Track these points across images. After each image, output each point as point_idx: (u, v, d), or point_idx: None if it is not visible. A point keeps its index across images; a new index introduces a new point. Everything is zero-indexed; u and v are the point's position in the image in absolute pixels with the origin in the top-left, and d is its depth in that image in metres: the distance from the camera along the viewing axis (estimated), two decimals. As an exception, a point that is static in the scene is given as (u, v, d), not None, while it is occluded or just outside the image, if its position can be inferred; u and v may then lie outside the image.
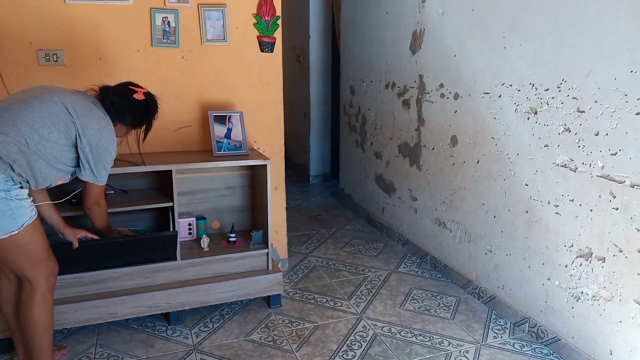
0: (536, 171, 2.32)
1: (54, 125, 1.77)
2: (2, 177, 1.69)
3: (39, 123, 1.75)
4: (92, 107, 1.90)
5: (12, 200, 1.72)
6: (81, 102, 1.87)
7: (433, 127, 3.09)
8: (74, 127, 1.82)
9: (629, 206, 1.90)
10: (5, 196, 1.70)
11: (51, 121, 1.77)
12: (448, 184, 2.98)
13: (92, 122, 1.86)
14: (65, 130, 1.80)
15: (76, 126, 1.82)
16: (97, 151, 1.88)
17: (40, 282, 1.85)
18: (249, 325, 2.49)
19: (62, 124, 1.79)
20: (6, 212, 1.71)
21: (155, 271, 2.42)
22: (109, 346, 2.29)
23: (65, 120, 1.80)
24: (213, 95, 2.72)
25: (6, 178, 1.70)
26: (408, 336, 2.42)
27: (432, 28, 3.03)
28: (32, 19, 2.34)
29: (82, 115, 1.83)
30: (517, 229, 2.47)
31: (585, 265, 2.11)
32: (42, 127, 1.75)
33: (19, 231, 1.75)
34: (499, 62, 2.49)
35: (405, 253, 3.46)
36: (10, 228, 1.73)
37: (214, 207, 2.79)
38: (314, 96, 5.10)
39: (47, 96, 1.81)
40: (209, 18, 2.62)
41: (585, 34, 2.01)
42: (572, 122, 2.11)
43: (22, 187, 1.76)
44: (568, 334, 2.23)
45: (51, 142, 1.77)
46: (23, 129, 1.72)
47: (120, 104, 1.97)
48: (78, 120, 1.82)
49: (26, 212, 1.77)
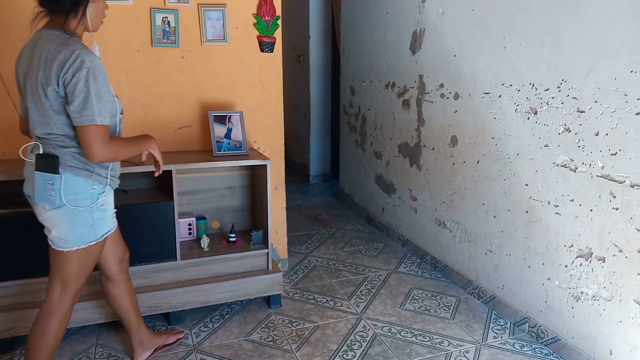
0: (536, 171, 2.32)
1: None
2: (90, 184, 1.68)
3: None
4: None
5: (97, 210, 1.71)
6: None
7: (433, 127, 3.09)
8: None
9: (629, 206, 1.90)
10: (90, 204, 1.69)
11: None
12: (448, 184, 2.98)
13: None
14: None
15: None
16: None
17: (67, 300, 1.80)
18: (249, 325, 2.49)
19: None
20: (88, 221, 1.70)
21: (155, 271, 2.42)
22: (109, 346, 2.29)
23: None
24: (213, 95, 2.72)
25: (94, 183, 1.69)
26: (408, 336, 2.42)
27: (432, 28, 3.03)
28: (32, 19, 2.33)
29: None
30: (517, 229, 2.47)
31: (585, 265, 2.11)
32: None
33: (96, 242, 1.74)
34: (499, 62, 2.49)
35: (405, 253, 3.46)
36: (89, 239, 1.73)
37: (214, 207, 2.79)
38: (314, 96, 5.10)
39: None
40: (209, 18, 2.62)
41: (585, 34, 2.01)
42: (572, 122, 2.11)
43: (106, 194, 1.73)
44: (568, 334, 2.23)
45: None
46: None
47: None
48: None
49: (107, 223, 1.76)
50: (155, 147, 1.84)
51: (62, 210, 1.66)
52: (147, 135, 1.83)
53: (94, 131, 1.57)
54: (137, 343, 2.15)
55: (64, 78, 1.54)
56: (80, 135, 1.59)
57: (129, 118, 2.59)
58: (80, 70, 1.54)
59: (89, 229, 1.71)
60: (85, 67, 1.54)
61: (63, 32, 1.62)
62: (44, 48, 1.58)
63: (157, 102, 2.63)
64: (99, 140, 1.59)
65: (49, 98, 1.58)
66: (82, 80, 1.54)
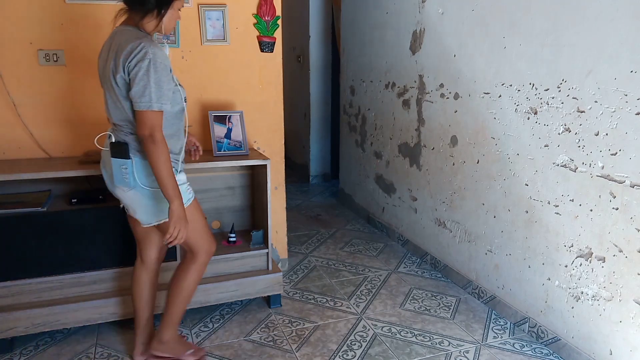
0: (536, 171, 2.32)
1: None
2: None
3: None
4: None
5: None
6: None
7: (433, 127, 3.09)
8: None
9: (629, 206, 1.90)
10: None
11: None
12: (448, 184, 2.98)
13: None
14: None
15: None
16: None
17: (201, 254, 2.01)
18: (249, 325, 2.49)
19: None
20: (163, 198, 1.82)
21: (155, 271, 2.42)
22: (109, 346, 2.29)
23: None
24: (213, 95, 2.72)
25: None
26: (408, 336, 2.42)
27: (432, 28, 3.03)
28: (32, 19, 2.34)
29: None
30: (517, 229, 2.47)
31: (585, 265, 2.11)
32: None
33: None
34: (499, 62, 2.49)
35: (405, 253, 3.46)
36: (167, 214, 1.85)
37: (214, 207, 2.79)
38: (314, 96, 5.10)
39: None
40: (209, 18, 2.62)
41: (585, 34, 2.01)
42: (572, 122, 2.11)
43: (180, 172, 1.92)
44: (568, 334, 2.23)
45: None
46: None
47: None
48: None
49: (185, 195, 1.90)
50: (177, 210, 1.80)
51: (137, 192, 1.84)
52: (179, 193, 1.82)
53: (148, 116, 1.72)
54: (140, 341, 2.15)
55: (129, 66, 1.70)
56: (136, 118, 1.75)
57: (129, 118, 2.59)
58: (143, 60, 1.69)
59: (166, 204, 1.82)
60: (148, 58, 1.69)
61: (137, 29, 1.78)
62: (117, 42, 1.75)
63: (157, 102, 2.62)
64: (151, 124, 1.73)
65: (118, 85, 1.74)
66: (144, 69, 1.69)
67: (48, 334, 2.34)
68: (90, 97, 2.50)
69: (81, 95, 2.49)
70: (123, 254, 2.34)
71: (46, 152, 2.48)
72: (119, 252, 2.33)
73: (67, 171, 2.19)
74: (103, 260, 2.32)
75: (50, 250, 2.22)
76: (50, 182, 2.43)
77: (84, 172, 2.22)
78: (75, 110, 2.49)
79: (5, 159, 2.41)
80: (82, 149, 2.52)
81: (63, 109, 2.47)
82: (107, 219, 2.29)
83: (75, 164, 2.30)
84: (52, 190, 2.45)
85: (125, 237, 2.33)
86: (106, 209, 2.29)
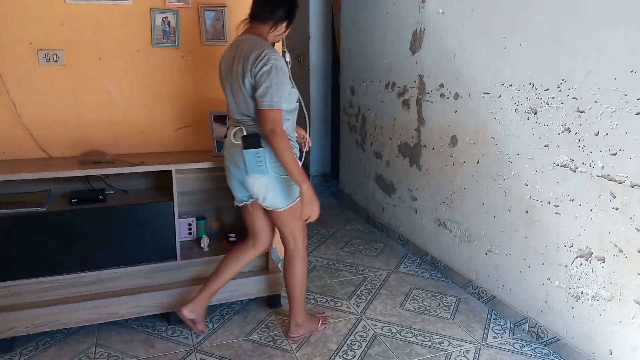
0: (536, 171, 2.32)
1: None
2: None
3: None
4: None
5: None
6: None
7: (433, 127, 3.09)
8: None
9: (629, 206, 1.90)
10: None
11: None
12: (448, 184, 2.98)
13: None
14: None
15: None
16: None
17: (301, 243, 2.24)
18: (249, 325, 2.49)
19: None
20: (289, 183, 2.09)
21: (155, 271, 2.42)
22: (109, 346, 2.29)
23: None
24: (213, 95, 2.72)
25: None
26: (408, 336, 2.42)
27: (432, 28, 3.03)
28: (32, 19, 2.34)
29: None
30: (517, 229, 2.47)
31: (585, 265, 2.11)
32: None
33: (298, 199, 2.12)
34: (499, 62, 2.49)
35: (405, 253, 3.46)
36: (296, 195, 2.13)
37: (214, 207, 2.79)
38: (314, 96, 5.10)
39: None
40: (209, 18, 2.62)
41: (585, 34, 2.01)
42: (572, 122, 2.11)
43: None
44: (568, 334, 2.23)
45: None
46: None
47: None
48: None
49: (297, 192, 2.12)
50: (308, 192, 2.06)
51: (270, 177, 2.06)
52: (306, 177, 2.07)
53: (271, 114, 1.95)
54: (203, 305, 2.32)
55: (254, 71, 1.94)
56: (261, 116, 1.98)
57: (129, 118, 2.59)
58: (266, 65, 1.93)
59: (292, 188, 2.10)
60: (270, 63, 1.93)
61: (260, 37, 2.04)
62: (243, 48, 2.00)
63: (157, 102, 2.63)
64: (275, 120, 1.96)
65: (246, 87, 1.99)
66: (266, 73, 1.93)
67: (48, 334, 2.34)
68: (90, 97, 2.50)
69: (81, 95, 2.49)
70: (123, 254, 2.34)
71: (46, 152, 2.48)
72: (119, 252, 2.33)
73: (67, 171, 2.19)
74: (103, 260, 2.32)
75: (50, 250, 2.22)
76: (50, 182, 2.43)
77: (84, 172, 2.22)
78: (75, 110, 2.49)
79: (5, 159, 2.42)
80: (82, 149, 2.52)
81: (63, 109, 2.47)
82: (107, 219, 2.29)
83: (75, 164, 2.31)
84: (52, 190, 2.45)
85: (125, 237, 2.34)
86: (106, 209, 2.29)
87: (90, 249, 2.28)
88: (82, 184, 2.51)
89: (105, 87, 2.52)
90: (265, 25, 2.05)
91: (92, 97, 2.51)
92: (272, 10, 2.03)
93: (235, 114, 2.09)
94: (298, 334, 2.37)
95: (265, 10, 2.04)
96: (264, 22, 2.05)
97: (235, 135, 2.07)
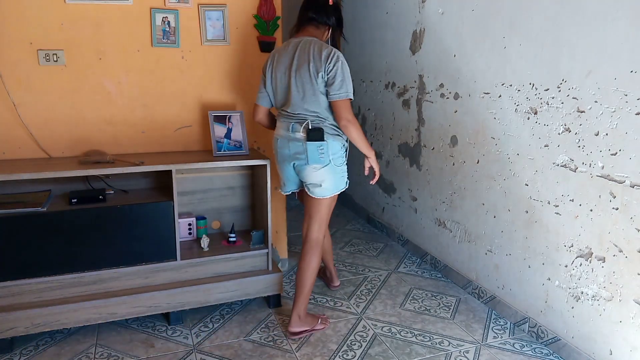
0: (536, 171, 2.32)
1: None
2: (341, 145, 2.31)
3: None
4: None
5: (344, 165, 2.36)
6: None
7: (433, 127, 3.09)
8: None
9: (629, 206, 1.90)
10: (343, 161, 2.34)
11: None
12: (448, 184, 2.98)
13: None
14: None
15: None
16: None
17: (323, 233, 2.42)
18: (249, 325, 2.49)
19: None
20: (341, 174, 2.34)
21: (155, 271, 2.42)
22: (109, 346, 2.29)
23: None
24: (213, 95, 2.72)
25: (343, 144, 2.33)
26: (408, 336, 2.42)
27: (432, 28, 3.03)
28: (32, 19, 2.34)
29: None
30: (517, 229, 2.47)
31: (585, 265, 2.11)
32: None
33: (340, 190, 2.37)
34: (499, 62, 2.49)
35: (405, 253, 3.46)
36: (341, 187, 2.36)
37: (214, 207, 2.79)
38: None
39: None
40: (209, 18, 2.62)
41: (585, 34, 2.01)
42: (572, 122, 2.11)
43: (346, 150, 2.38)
44: (568, 334, 2.23)
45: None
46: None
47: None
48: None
49: (346, 175, 2.39)
50: (374, 160, 2.41)
51: (329, 167, 2.28)
52: (372, 148, 2.39)
53: (347, 103, 2.22)
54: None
55: (328, 67, 2.18)
56: (336, 107, 2.21)
57: (130, 118, 2.59)
58: (338, 61, 2.18)
59: (342, 179, 2.35)
60: (340, 60, 2.20)
61: (317, 39, 2.27)
62: (308, 49, 2.21)
63: (157, 102, 2.63)
64: (349, 109, 2.23)
65: (317, 83, 2.19)
66: (339, 69, 2.18)
67: (48, 334, 2.34)
68: (90, 97, 2.50)
69: (81, 95, 2.49)
70: (123, 254, 2.34)
71: (46, 152, 2.48)
72: (118, 252, 2.33)
73: (67, 171, 2.19)
74: (103, 260, 2.32)
75: (50, 250, 2.22)
76: (50, 182, 2.43)
77: (84, 172, 2.22)
78: (75, 110, 2.49)
79: (5, 159, 2.42)
80: (82, 149, 2.52)
81: (63, 109, 2.47)
82: (107, 219, 2.29)
83: (75, 164, 2.31)
84: (52, 190, 2.45)
85: (125, 237, 2.34)
86: (106, 209, 2.29)
87: (90, 249, 2.28)
88: (82, 184, 2.51)
89: (105, 87, 2.52)
90: (318, 29, 2.33)
91: (92, 97, 2.51)
92: (328, 16, 2.33)
93: (298, 109, 2.24)
94: (299, 329, 2.38)
95: (322, 15, 2.32)
96: (317, 27, 2.32)
97: (294, 128, 2.25)
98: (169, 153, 2.64)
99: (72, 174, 2.20)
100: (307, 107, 2.23)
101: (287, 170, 2.37)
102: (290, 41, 2.30)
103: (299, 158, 2.28)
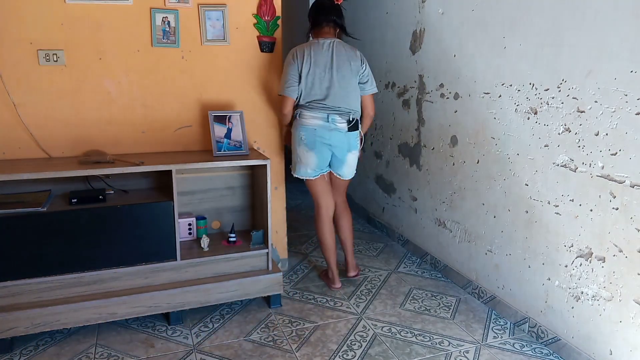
0: (536, 171, 2.32)
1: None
2: (359, 135, 2.71)
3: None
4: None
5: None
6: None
7: (433, 127, 3.09)
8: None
9: (629, 206, 1.90)
10: (359, 148, 2.74)
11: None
12: (448, 184, 2.98)
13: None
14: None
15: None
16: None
17: (344, 201, 2.93)
18: (249, 325, 2.49)
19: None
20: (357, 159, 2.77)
21: (155, 271, 2.42)
22: (109, 346, 2.29)
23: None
24: (213, 95, 2.72)
25: (360, 134, 2.72)
26: (408, 336, 2.42)
27: (432, 28, 3.03)
28: (32, 19, 2.34)
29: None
30: (517, 229, 2.47)
31: (585, 265, 2.11)
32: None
33: None
34: (499, 62, 2.49)
35: (405, 253, 3.46)
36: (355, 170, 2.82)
37: (214, 207, 2.79)
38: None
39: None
40: (209, 18, 2.62)
41: (585, 34, 2.01)
42: (572, 122, 2.11)
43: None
44: (568, 334, 2.23)
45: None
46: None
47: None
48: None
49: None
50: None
51: (357, 153, 2.73)
52: None
53: (374, 97, 2.73)
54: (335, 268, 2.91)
55: (363, 67, 2.63)
56: (369, 100, 2.70)
57: (130, 118, 2.59)
58: (365, 62, 2.66)
59: (357, 163, 2.78)
60: (365, 59, 2.67)
61: (339, 40, 2.66)
62: (341, 51, 2.60)
63: (157, 102, 2.63)
64: (374, 101, 2.75)
65: (356, 81, 2.61)
66: (368, 67, 2.66)
67: (48, 334, 2.34)
68: (90, 97, 2.50)
69: (81, 95, 2.49)
70: (123, 254, 2.34)
71: (46, 152, 2.48)
72: (119, 252, 2.33)
73: (67, 171, 2.19)
74: (103, 260, 2.32)
75: (50, 250, 2.22)
76: (50, 182, 2.43)
77: (84, 172, 2.22)
78: (75, 110, 2.49)
79: (5, 159, 2.41)
80: (82, 149, 2.52)
81: (63, 109, 2.47)
82: (107, 219, 2.29)
83: (75, 164, 2.30)
84: (52, 190, 2.45)
85: (125, 237, 2.34)
86: (106, 209, 2.29)
87: (90, 249, 2.28)
88: (82, 184, 2.51)
89: (105, 87, 2.52)
90: (334, 30, 2.66)
91: (92, 97, 2.50)
92: (342, 19, 2.67)
93: (339, 103, 2.56)
94: (355, 272, 3.00)
95: (340, 17, 2.65)
96: (334, 28, 2.65)
97: (334, 119, 2.57)
98: (169, 153, 2.64)
99: (72, 174, 2.20)
100: (349, 101, 2.58)
101: (322, 157, 2.63)
102: (319, 41, 2.58)
103: (338, 146, 2.62)
